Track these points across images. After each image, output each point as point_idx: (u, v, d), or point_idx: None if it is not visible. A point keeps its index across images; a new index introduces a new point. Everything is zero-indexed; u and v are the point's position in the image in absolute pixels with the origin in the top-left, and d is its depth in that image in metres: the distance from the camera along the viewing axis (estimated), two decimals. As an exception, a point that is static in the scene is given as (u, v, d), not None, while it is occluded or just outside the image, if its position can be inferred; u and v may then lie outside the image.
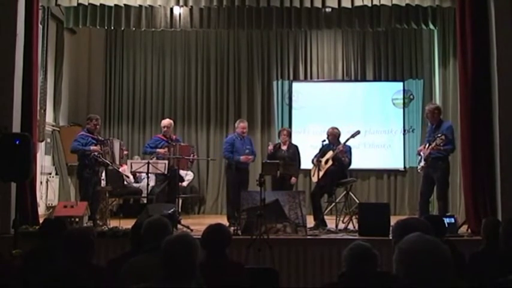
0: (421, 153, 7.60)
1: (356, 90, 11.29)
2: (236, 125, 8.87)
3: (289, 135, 8.75)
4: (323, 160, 7.96)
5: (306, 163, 8.54)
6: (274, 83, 11.31)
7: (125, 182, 9.74)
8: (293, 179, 8.44)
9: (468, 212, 7.29)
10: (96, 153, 7.76)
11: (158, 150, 8.39)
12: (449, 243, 3.57)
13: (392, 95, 11.12)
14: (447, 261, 2.01)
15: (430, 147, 7.36)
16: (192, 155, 8.72)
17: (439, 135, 7.25)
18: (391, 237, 3.20)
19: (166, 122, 8.75)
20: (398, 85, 11.13)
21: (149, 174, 8.12)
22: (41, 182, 9.15)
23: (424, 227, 3.03)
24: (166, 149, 8.37)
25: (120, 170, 8.82)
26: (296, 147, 8.71)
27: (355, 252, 3.12)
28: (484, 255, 4.16)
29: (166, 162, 8.08)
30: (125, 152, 9.00)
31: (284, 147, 8.56)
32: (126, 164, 9.04)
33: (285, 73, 11.34)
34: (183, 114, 11.37)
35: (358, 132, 8.03)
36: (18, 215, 6.22)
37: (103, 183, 8.35)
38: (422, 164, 7.53)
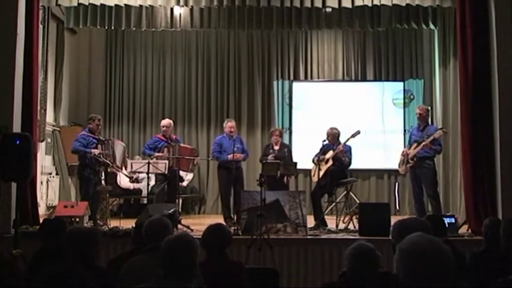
0: (407, 153, 7.71)
1: (356, 90, 11.29)
2: (224, 124, 8.86)
3: (281, 135, 8.76)
4: (324, 160, 7.97)
5: (307, 163, 8.54)
6: (275, 82, 11.31)
7: (119, 183, 9.69)
8: (286, 178, 8.43)
9: (468, 212, 7.29)
10: (96, 154, 7.77)
11: (156, 154, 8.36)
12: (450, 244, 3.57)
13: (393, 95, 11.12)
14: (449, 261, 2.01)
15: (423, 143, 7.57)
16: (195, 158, 8.70)
17: (441, 127, 7.66)
18: (390, 237, 3.19)
19: (165, 122, 8.74)
20: (399, 85, 11.13)
21: (149, 174, 8.12)
22: (42, 182, 9.15)
23: (424, 227, 3.03)
24: (165, 151, 8.36)
25: (122, 170, 8.78)
26: (288, 146, 8.71)
27: (357, 252, 3.11)
28: (485, 256, 4.16)
29: (167, 162, 8.07)
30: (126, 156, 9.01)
31: (276, 147, 8.55)
32: (126, 167, 9.00)
33: (285, 73, 11.34)
34: (184, 114, 11.37)
35: (358, 132, 8.03)
36: (19, 214, 6.22)
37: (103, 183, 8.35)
38: (410, 164, 7.71)
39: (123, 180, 9.76)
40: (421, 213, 7.47)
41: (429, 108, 8.37)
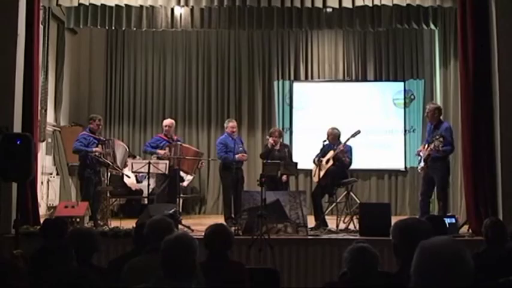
0: (421, 153, 7.63)
1: (357, 90, 11.29)
2: (225, 125, 8.86)
3: (281, 135, 8.73)
4: (324, 160, 7.97)
5: (307, 163, 8.54)
6: (275, 83, 11.31)
7: (125, 181, 9.69)
8: (284, 177, 8.42)
9: (469, 212, 7.29)
10: (97, 153, 7.77)
11: (158, 151, 8.41)
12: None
13: (393, 95, 11.12)
14: (470, 270, 1.99)
15: (428, 148, 7.40)
16: (200, 162, 8.71)
17: (437, 136, 7.26)
18: (391, 237, 3.20)
19: (168, 121, 8.76)
20: (399, 85, 11.12)
21: (150, 174, 8.12)
22: (42, 182, 9.15)
23: (424, 227, 3.03)
24: (167, 149, 8.38)
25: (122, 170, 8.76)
26: (288, 146, 8.70)
27: (355, 253, 3.12)
28: (485, 256, 4.16)
29: (167, 162, 8.08)
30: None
31: (276, 147, 8.54)
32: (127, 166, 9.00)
33: (285, 73, 11.34)
34: (184, 114, 11.37)
35: (358, 132, 8.03)
36: (19, 215, 6.23)
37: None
38: (422, 164, 7.56)
39: (129, 179, 9.76)
40: (423, 213, 7.42)
41: (437, 105, 8.07)
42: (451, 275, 1.95)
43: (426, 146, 7.53)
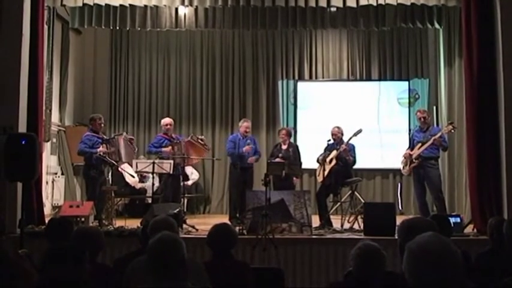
0: (410, 154, 7.74)
1: (361, 89, 11.27)
2: (240, 124, 8.88)
3: (288, 134, 8.72)
4: (327, 159, 7.97)
5: (311, 163, 8.53)
6: (279, 82, 11.30)
7: (127, 180, 9.68)
8: (295, 179, 8.43)
9: (474, 212, 7.27)
10: (102, 153, 7.78)
11: (163, 149, 8.42)
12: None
13: (398, 94, 11.10)
14: (458, 262, 1.99)
15: (423, 147, 7.58)
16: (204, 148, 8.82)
17: (450, 121, 7.86)
18: (396, 237, 3.19)
19: (168, 120, 8.81)
20: (404, 84, 11.10)
21: (154, 174, 8.13)
22: (47, 182, 9.18)
23: (430, 226, 3.03)
24: (170, 148, 8.41)
25: (127, 167, 8.74)
26: (296, 146, 8.71)
27: (363, 252, 3.10)
28: (490, 255, 4.15)
29: (172, 161, 8.10)
30: (133, 141, 9.01)
31: (284, 147, 8.54)
32: (132, 165, 9.00)
33: (290, 73, 11.34)
34: (188, 114, 11.38)
35: (360, 131, 8.05)
36: (24, 214, 6.23)
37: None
38: (414, 164, 7.71)
39: (132, 178, 9.76)
40: (425, 214, 7.45)
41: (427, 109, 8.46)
42: (444, 269, 1.96)
43: (419, 145, 7.64)
